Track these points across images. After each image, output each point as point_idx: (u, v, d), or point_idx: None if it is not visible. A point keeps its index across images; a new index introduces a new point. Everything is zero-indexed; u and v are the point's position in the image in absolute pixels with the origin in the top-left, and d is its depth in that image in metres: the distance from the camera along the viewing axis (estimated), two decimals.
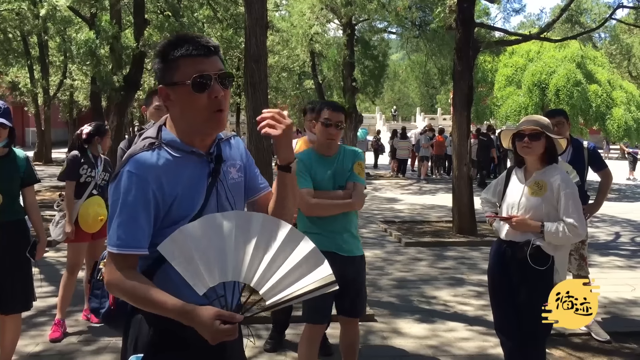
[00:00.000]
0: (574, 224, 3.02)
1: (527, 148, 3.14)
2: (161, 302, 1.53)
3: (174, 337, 1.65)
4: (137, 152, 1.61)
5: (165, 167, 1.61)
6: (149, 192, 1.58)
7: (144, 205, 1.57)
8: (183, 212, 1.62)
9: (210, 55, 1.61)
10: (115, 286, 1.59)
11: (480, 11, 18.34)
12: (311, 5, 17.96)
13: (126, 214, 1.57)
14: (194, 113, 1.62)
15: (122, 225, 1.57)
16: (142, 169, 1.58)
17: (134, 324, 1.70)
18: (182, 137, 1.67)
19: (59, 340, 4.33)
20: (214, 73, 1.60)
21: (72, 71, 20.88)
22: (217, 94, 1.61)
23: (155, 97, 3.65)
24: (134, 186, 1.57)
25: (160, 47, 1.66)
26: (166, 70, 1.63)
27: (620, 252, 7.95)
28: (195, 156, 1.67)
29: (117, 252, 1.57)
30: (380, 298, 5.55)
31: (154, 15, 15.22)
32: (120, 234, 1.57)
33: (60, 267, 6.23)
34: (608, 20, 12.59)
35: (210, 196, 1.68)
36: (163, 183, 1.60)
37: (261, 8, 5.64)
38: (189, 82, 1.58)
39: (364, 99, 25.83)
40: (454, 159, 9.09)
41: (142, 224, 1.58)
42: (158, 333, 1.65)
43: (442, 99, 46.51)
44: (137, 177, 1.58)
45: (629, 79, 35.92)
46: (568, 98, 20.41)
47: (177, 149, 1.65)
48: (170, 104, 1.66)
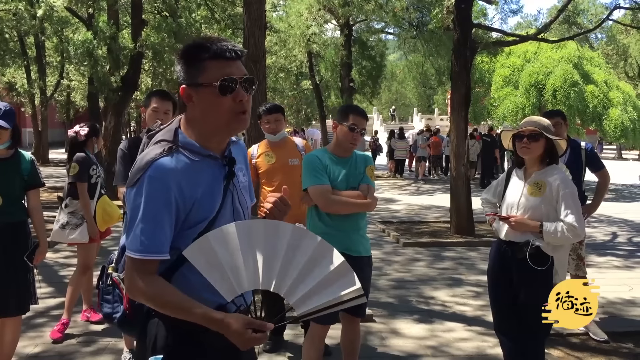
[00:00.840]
0: (573, 224, 3.03)
1: (526, 149, 3.16)
2: (188, 308, 1.55)
3: (192, 340, 1.67)
4: (157, 158, 1.60)
5: (185, 171, 1.61)
6: (171, 196, 1.58)
7: (166, 210, 1.58)
8: (202, 215, 1.64)
9: (237, 60, 1.64)
10: (139, 292, 1.59)
11: (477, 12, 18.39)
12: (309, 6, 17.99)
13: (150, 219, 1.57)
14: (217, 115, 1.63)
15: (145, 231, 1.57)
16: (163, 173, 1.58)
17: (151, 327, 1.70)
18: (199, 139, 1.68)
19: (60, 341, 4.33)
20: (239, 77, 1.63)
21: (69, 72, 20.86)
22: (242, 98, 1.63)
23: (153, 99, 3.64)
24: (156, 191, 1.57)
25: (186, 47, 1.67)
26: (191, 71, 1.64)
27: (617, 252, 7.98)
28: (211, 159, 1.69)
29: (139, 258, 1.57)
30: (379, 298, 5.56)
31: (152, 16, 15.22)
32: (144, 240, 1.56)
33: (58, 268, 6.22)
34: (605, 21, 12.61)
35: (226, 198, 1.70)
36: (183, 187, 1.60)
37: (259, 9, 5.66)
38: (216, 85, 1.59)
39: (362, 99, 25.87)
40: (452, 160, 9.11)
41: (165, 229, 1.58)
42: (176, 336, 1.67)
43: (439, 100, 46.58)
44: (159, 182, 1.57)
45: (626, 79, 36.05)
46: (565, 98, 20.49)
47: (194, 152, 1.66)
48: (191, 105, 1.67)
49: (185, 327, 1.61)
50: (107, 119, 12.86)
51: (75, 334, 4.52)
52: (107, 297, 1.82)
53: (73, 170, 4.49)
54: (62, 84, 22.57)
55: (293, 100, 28.50)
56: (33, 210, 3.59)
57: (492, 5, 12.41)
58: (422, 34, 18.36)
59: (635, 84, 35.57)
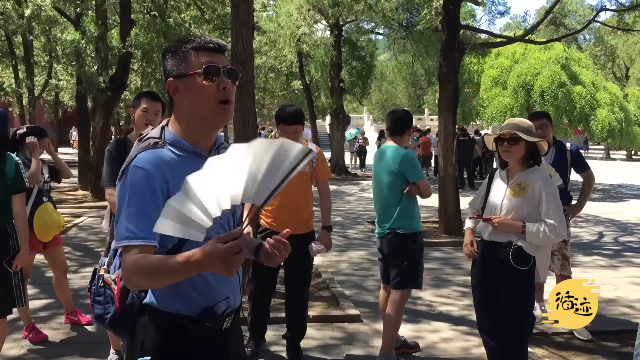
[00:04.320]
0: (554, 224, 3.08)
1: (506, 152, 3.21)
2: (171, 262, 1.50)
3: (181, 337, 1.69)
4: (142, 151, 1.66)
5: (169, 165, 1.65)
6: (156, 185, 1.61)
7: (151, 198, 1.59)
8: None
9: (219, 52, 1.70)
10: (130, 275, 1.57)
11: (465, 13, 18.46)
12: (298, 6, 17.98)
13: (134, 206, 1.59)
14: (203, 103, 1.67)
15: (130, 218, 1.58)
16: (147, 163, 1.62)
17: (139, 327, 1.72)
18: (186, 136, 1.71)
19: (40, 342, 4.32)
20: (222, 66, 1.68)
21: (57, 71, 20.68)
22: (225, 85, 1.68)
23: (143, 100, 3.64)
24: (140, 179, 1.60)
25: (170, 44, 1.74)
26: (176, 63, 1.69)
27: (603, 252, 8.06)
28: (196, 156, 1.70)
29: (126, 244, 1.58)
30: (366, 299, 5.58)
31: (141, 16, 15.15)
32: (130, 227, 1.58)
33: (45, 269, 6.19)
34: (591, 22, 12.73)
35: None
36: (168, 179, 1.63)
37: (247, 10, 5.65)
38: (200, 71, 1.64)
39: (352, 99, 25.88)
40: (440, 160, 9.16)
41: (150, 216, 1.55)
42: (165, 333, 1.69)
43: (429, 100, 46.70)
44: (143, 171, 1.61)
45: (613, 80, 36.38)
46: (553, 99, 20.63)
47: (180, 149, 1.69)
48: (178, 97, 1.71)
49: (174, 322, 1.66)
50: (96, 119, 12.79)
51: (59, 336, 4.51)
52: (98, 298, 1.82)
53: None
54: (51, 84, 22.35)
55: (283, 100, 28.45)
56: (15, 215, 3.56)
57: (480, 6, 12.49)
58: (411, 35, 18.41)
59: (623, 85, 35.91)
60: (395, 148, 4.03)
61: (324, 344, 4.40)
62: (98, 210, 10.95)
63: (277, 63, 22.67)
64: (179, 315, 1.68)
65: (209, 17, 16.18)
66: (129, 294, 1.75)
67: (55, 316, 4.95)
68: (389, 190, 4.00)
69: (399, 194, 3.95)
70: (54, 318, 4.91)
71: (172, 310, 1.69)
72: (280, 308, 4.61)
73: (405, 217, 3.96)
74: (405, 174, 3.95)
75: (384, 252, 4.09)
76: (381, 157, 4.10)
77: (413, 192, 3.95)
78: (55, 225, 4.42)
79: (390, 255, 4.04)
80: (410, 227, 3.96)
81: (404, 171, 3.94)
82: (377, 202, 4.17)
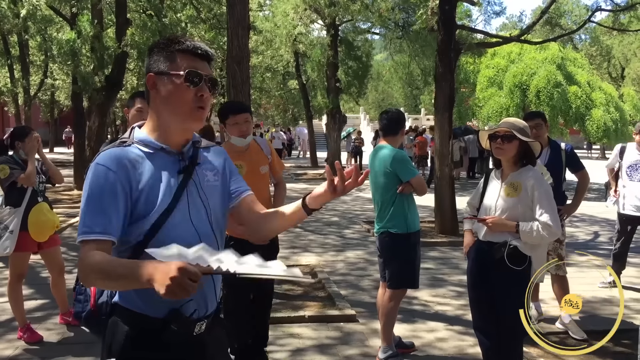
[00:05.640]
0: (547, 223, 3.09)
1: (499, 149, 3.22)
2: (122, 266, 1.50)
3: (149, 341, 1.66)
4: (105, 149, 1.68)
5: (133, 162, 1.66)
6: (116, 183, 1.61)
7: (110, 194, 1.59)
8: (150, 207, 1.64)
9: (204, 60, 1.72)
10: (83, 271, 1.56)
11: (461, 13, 18.50)
12: (295, 6, 17.98)
13: (92, 202, 1.60)
14: (178, 105, 1.68)
15: (88, 214, 1.59)
16: (108, 161, 1.63)
17: (109, 327, 1.71)
18: (156, 134, 1.73)
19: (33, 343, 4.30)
20: (205, 74, 1.70)
21: (53, 71, 20.65)
22: (203, 92, 1.69)
23: (137, 99, 3.63)
24: (100, 176, 1.61)
25: (160, 41, 1.75)
26: (161, 60, 1.70)
27: (598, 252, 8.08)
28: (164, 153, 1.71)
29: (82, 239, 1.58)
30: (362, 299, 5.59)
31: (137, 15, 15.11)
32: (87, 222, 1.58)
33: (40, 269, 6.18)
34: (586, 23, 12.76)
35: (182, 194, 1.69)
36: (130, 176, 1.63)
37: (243, 10, 5.66)
38: (182, 74, 1.66)
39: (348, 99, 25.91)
40: (436, 160, 9.16)
41: (107, 212, 1.58)
42: (132, 336, 1.66)
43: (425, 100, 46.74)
44: (103, 168, 1.62)
45: (609, 80, 36.50)
46: (548, 99, 20.70)
47: (147, 146, 1.70)
48: (155, 92, 1.72)
49: (145, 324, 1.64)
50: (92, 118, 12.75)
51: (54, 336, 4.50)
52: (79, 297, 1.84)
53: (3, 172, 4.23)
54: (46, 83, 22.33)
55: (280, 100, 28.49)
56: None
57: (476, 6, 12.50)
58: (407, 35, 18.45)
59: (618, 85, 36.04)
60: (388, 148, 4.06)
61: (319, 344, 4.40)
62: None
63: (273, 63, 22.69)
64: (145, 317, 1.66)
65: (205, 16, 16.16)
66: (103, 292, 1.76)
67: (50, 316, 4.93)
68: (383, 190, 4.03)
69: (393, 194, 3.99)
70: (48, 318, 4.90)
71: (138, 310, 1.66)
72: (275, 309, 4.61)
73: (398, 216, 3.98)
74: (398, 173, 3.98)
75: (380, 251, 4.14)
76: (375, 158, 4.13)
77: (406, 191, 3.99)
78: (50, 225, 4.41)
79: (384, 255, 4.10)
80: (404, 227, 3.98)
81: (396, 171, 3.97)
82: (374, 201, 4.20)
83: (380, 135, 4.32)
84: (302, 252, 7.56)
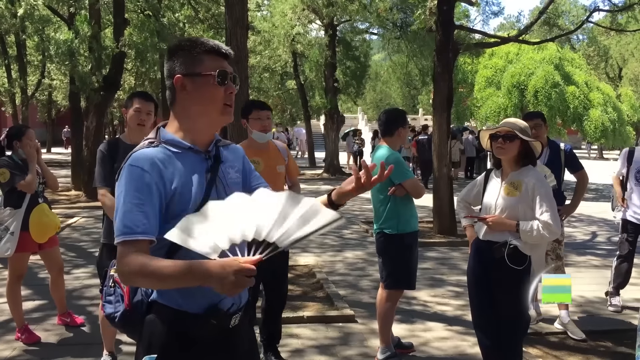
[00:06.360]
0: (548, 222, 3.09)
1: (500, 149, 3.21)
2: (169, 267, 1.54)
3: (188, 335, 1.71)
4: (137, 151, 1.72)
5: (165, 162, 1.69)
6: (152, 183, 1.65)
7: (147, 195, 1.63)
8: (183, 205, 1.69)
9: (227, 58, 1.80)
10: (125, 272, 1.61)
11: (459, 13, 18.51)
12: (293, 6, 17.98)
13: (129, 202, 1.63)
14: (210, 103, 1.75)
15: (126, 214, 1.62)
16: (142, 162, 1.67)
17: (147, 325, 1.74)
18: (184, 133, 1.77)
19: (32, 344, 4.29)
20: (230, 73, 1.78)
21: (50, 71, 20.59)
22: (232, 90, 1.79)
23: (135, 100, 3.62)
24: (135, 177, 1.65)
25: (181, 42, 1.80)
26: (188, 62, 1.75)
27: (596, 252, 8.09)
28: (192, 152, 1.76)
29: (122, 240, 1.61)
30: (361, 299, 5.58)
31: (134, 15, 15.10)
32: (126, 223, 1.61)
33: (38, 270, 6.16)
34: (584, 23, 12.78)
35: (211, 191, 1.75)
36: (163, 176, 1.67)
37: (242, 9, 5.65)
38: (214, 74, 1.73)
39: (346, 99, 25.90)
40: (435, 160, 9.16)
41: (146, 212, 1.62)
42: (171, 331, 1.71)
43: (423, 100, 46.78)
44: (138, 169, 1.65)
45: (606, 80, 36.57)
46: (546, 99, 20.71)
47: (175, 146, 1.74)
48: (184, 94, 1.75)
49: (181, 326, 1.69)
50: (89, 119, 12.73)
51: (52, 337, 4.48)
52: (109, 298, 1.85)
53: (3, 177, 4.20)
54: (44, 83, 22.28)
55: (278, 100, 28.43)
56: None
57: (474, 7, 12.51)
58: (405, 35, 18.44)
59: (616, 85, 36.11)
60: (384, 149, 4.04)
61: (318, 345, 4.40)
62: (91, 211, 10.90)
63: (271, 63, 22.64)
64: (185, 313, 1.70)
65: (203, 16, 16.16)
66: (137, 291, 1.78)
67: (48, 317, 4.92)
68: (377, 191, 4.03)
69: (387, 195, 3.98)
70: (47, 319, 4.88)
71: (177, 307, 1.71)
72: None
73: (392, 217, 3.98)
74: (390, 175, 3.94)
75: (377, 251, 4.18)
76: (373, 158, 4.15)
77: (398, 194, 3.93)
78: (52, 226, 4.42)
79: (380, 255, 4.12)
80: (397, 228, 3.97)
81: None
82: (372, 202, 4.20)
83: (379, 136, 4.32)
84: (301, 252, 7.55)
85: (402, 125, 4.10)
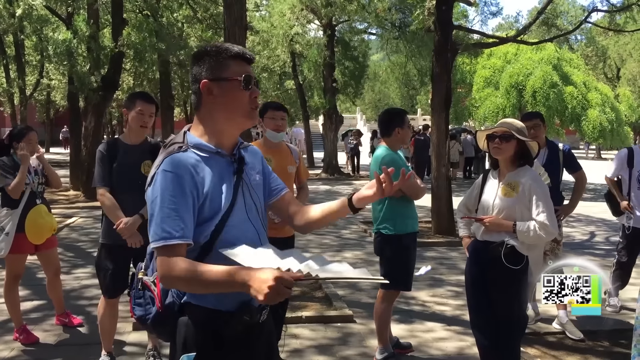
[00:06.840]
0: (544, 222, 3.09)
1: (497, 149, 3.22)
2: (213, 272, 1.61)
3: (225, 329, 1.76)
4: (168, 155, 1.75)
5: (196, 167, 1.74)
6: (186, 187, 1.70)
7: (183, 199, 1.68)
8: (215, 208, 1.74)
9: (251, 63, 1.85)
10: (168, 277, 1.67)
11: (458, 13, 18.49)
12: (291, 6, 17.97)
13: (167, 208, 1.67)
14: (236, 107, 1.80)
15: (164, 220, 1.67)
16: (176, 167, 1.71)
17: (180, 326, 1.78)
18: (210, 137, 1.82)
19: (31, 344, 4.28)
20: (254, 77, 1.84)
21: (48, 71, 20.56)
22: (256, 94, 1.84)
23: (138, 101, 3.61)
24: (170, 182, 1.69)
25: (208, 49, 1.84)
26: (215, 67, 1.79)
27: (595, 252, 8.11)
28: (219, 156, 1.81)
29: (163, 245, 1.66)
30: (360, 299, 5.58)
31: (133, 15, 15.07)
32: (165, 227, 1.66)
33: (36, 270, 6.15)
34: (583, 23, 12.81)
35: (238, 194, 1.81)
36: (196, 181, 1.72)
37: (240, 9, 5.65)
38: (241, 79, 1.78)
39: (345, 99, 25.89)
40: (433, 160, 9.16)
41: (183, 216, 1.67)
42: (210, 327, 1.75)
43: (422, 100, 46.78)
44: (172, 174, 1.70)
45: (605, 80, 36.61)
46: (544, 99, 20.74)
47: (202, 150, 1.79)
48: (211, 98, 1.80)
49: (214, 326, 1.74)
50: (88, 119, 12.71)
51: (51, 338, 4.48)
52: (138, 300, 1.88)
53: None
54: (42, 84, 22.20)
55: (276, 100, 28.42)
56: None
57: (473, 7, 12.52)
58: (404, 35, 18.43)
59: (614, 85, 36.15)
60: (381, 149, 4.05)
61: (317, 345, 4.40)
62: (90, 211, 10.89)
63: (270, 63, 22.63)
64: (218, 312, 1.75)
65: (202, 16, 16.15)
66: (168, 293, 1.80)
67: (46, 318, 4.92)
68: None
69: None
70: (45, 320, 4.88)
71: (210, 306, 1.75)
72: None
73: (388, 218, 3.98)
74: None
75: (375, 252, 4.20)
76: (372, 158, 4.15)
77: (394, 195, 3.94)
78: (48, 228, 4.39)
79: (378, 255, 4.13)
80: (394, 229, 3.97)
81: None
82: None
83: (378, 135, 4.35)
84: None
85: (400, 125, 4.06)
